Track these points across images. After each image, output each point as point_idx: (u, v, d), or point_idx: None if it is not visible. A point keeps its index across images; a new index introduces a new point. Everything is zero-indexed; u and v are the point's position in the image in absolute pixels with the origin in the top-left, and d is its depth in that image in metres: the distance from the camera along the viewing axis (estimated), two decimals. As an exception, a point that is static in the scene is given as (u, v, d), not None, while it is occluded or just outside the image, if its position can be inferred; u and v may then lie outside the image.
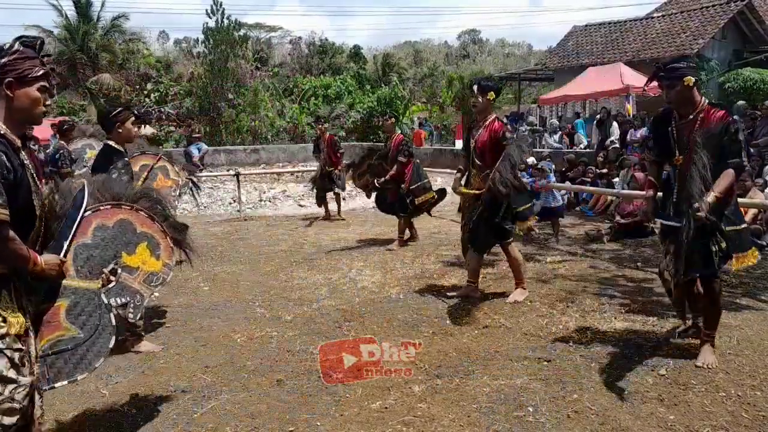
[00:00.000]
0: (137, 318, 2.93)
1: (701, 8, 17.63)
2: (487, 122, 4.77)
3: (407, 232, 7.51)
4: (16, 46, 2.16)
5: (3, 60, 2.12)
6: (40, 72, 2.18)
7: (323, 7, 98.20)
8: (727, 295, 5.09)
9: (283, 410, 3.22)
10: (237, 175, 10.87)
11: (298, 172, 13.61)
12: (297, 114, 21.78)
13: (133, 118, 4.31)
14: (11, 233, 2.05)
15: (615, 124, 12.50)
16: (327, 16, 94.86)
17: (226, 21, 20.26)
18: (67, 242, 2.29)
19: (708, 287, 3.52)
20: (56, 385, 2.54)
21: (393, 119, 7.77)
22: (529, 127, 15.80)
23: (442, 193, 7.63)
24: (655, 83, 3.61)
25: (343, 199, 11.61)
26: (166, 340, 4.37)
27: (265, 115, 20.47)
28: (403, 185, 7.16)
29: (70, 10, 28.07)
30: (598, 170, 10.78)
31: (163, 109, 20.67)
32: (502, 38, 56.49)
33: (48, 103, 2.24)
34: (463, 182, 5.06)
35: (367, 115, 21.96)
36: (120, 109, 4.33)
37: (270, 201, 12.34)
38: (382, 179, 7.17)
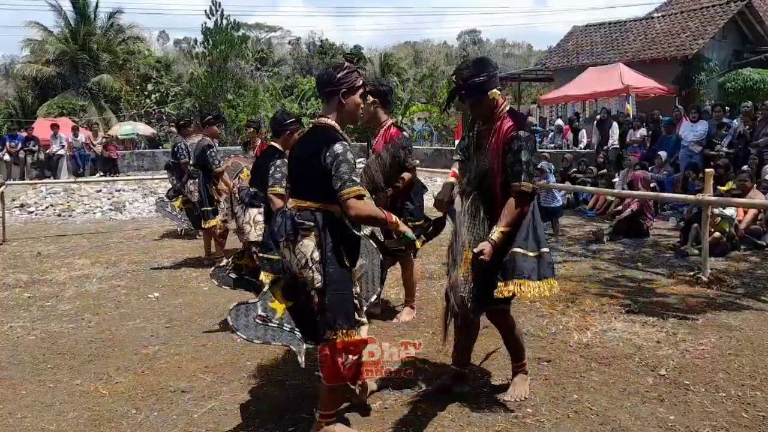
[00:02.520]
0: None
1: (701, 8, 17.62)
2: (383, 129, 4.37)
3: None
4: (346, 63, 2.74)
5: (339, 75, 2.68)
6: (361, 82, 2.77)
7: (327, 7, 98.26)
8: (727, 295, 5.10)
9: (283, 410, 3.22)
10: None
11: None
12: (297, 114, 21.78)
13: (300, 131, 4.52)
14: (370, 203, 2.67)
15: (615, 124, 12.49)
16: (330, 17, 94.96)
17: (225, 21, 20.27)
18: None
19: (500, 319, 3.21)
20: (372, 299, 3.23)
21: (252, 129, 7.85)
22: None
23: None
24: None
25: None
26: (166, 340, 4.37)
27: (264, 115, 20.46)
28: None
29: (70, 11, 28.08)
30: (597, 170, 10.79)
31: (163, 110, 20.66)
32: (503, 38, 56.53)
33: (363, 107, 2.88)
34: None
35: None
36: (293, 119, 4.72)
37: (270, 201, 12.34)
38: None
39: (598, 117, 13.48)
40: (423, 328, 4.43)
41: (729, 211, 6.81)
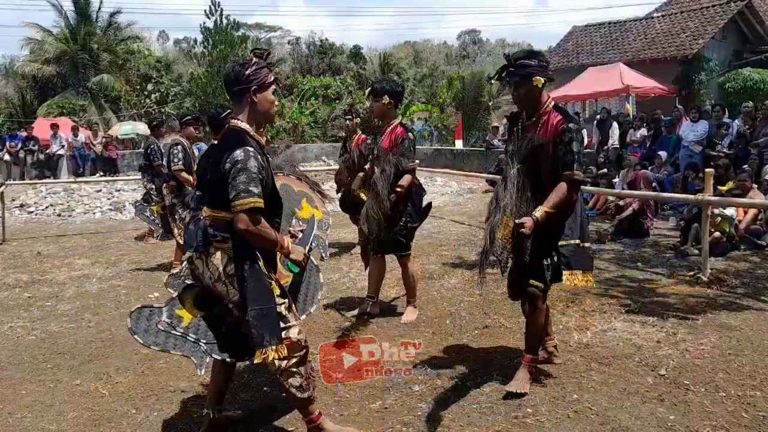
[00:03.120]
0: (328, 254, 3.47)
1: (701, 8, 17.61)
2: (390, 128, 4.42)
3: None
4: (254, 58, 2.58)
5: (248, 71, 2.52)
6: (272, 78, 2.61)
7: (327, 7, 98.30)
8: (727, 295, 5.10)
9: (283, 410, 3.21)
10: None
11: (298, 172, 13.56)
12: (296, 114, 21.77)
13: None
14: (263, 222, 2.47)
15: (615, 124, 12.49)
16: (331, 17, 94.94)
17: (224, 21, 20.26)
18: (309, 244, 3.14)
19: (531, 300, 3.27)
20: (302, 317, 3.11)
21: (359, 118, 7.69)
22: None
23: None
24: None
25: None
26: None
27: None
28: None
29: (70, 10, 28.06)
30: (597, 170, 10.78)
31: (163, 110, 20.65)
32: (503, 38, 56.51)
33: (277, 103, 2.69)
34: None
35: (367, 116, 21.95)
36: (229, 111, 4.52)
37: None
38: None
39: (598, 117, 13.47)
40: (423, 328, 4.43)
41: (729, 211, 6.81)
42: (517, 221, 2.95)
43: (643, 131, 11.38)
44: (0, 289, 5.97)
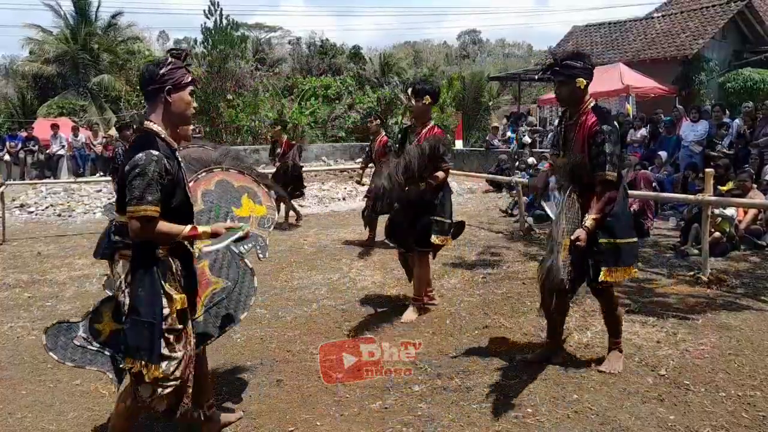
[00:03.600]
0: (266, 255, 3.28)
1: (701, 8, 17.61)
2: (426, 128, 4.50)
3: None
4: (170, 58, 2.50)
5: (162, 71, 2.44)
6: (189, 78, 2.52)
7: (327, 7, 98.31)
8: (727, 295, 5.10)
9: (283, 410, 3.22)
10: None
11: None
12: (297, 114, 21.77)
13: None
14: (160, 224, 2.34)
15: (615, 124, 12.48)
16: (331, 17, 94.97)
17: (224, 21, 20.25)
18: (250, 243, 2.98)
19: (605, 294, 3.44)
20: (227, 329, 2.97)
21: (378, 120, 7.71)
22: (528, 128, 15.79)
23: None
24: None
25: (343, 199, 11.61)
26: (166, 340, 4.37)
27: (264, 115, 20.44)
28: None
29: (71, 11, 28.06)
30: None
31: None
32: (503, 38, 56.53)
33: (195, 104, 2.59)
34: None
35: (367, 116, 21.96)
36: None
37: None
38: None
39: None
40: (423, 328, 4.42)
41: (729, 212, 6.81)
42: (572, 237, 3.07)
43: (644, 131, 11.37)
44: (0, 289, 5.97)
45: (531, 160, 10.98)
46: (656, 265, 6.33)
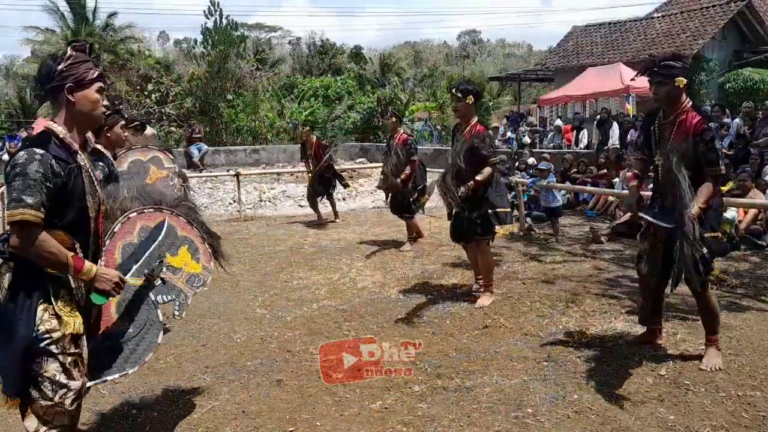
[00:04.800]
0: (182, 315, 3.01)
1: (701, 8, 17.63)
2: (470, 126, 4.75)
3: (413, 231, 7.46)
4: (69, 51, 2.24)
5: (60, 66, 2.19)
6: (96, 74, 2.26)
7: (329, 7, 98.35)
8: (727, 295, 5.10)
9: (283, 410, 3.22)
10: (237, 175, 10.86)
11: (298, 172, 13.58)
12: (297, 114, 21.77)
13: (122, 122, 4.16)
14: (44, 236, 2.08)
15: (615, 124, 12.49)
16: (332, 17, 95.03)
17: (224, 21, 20.26)
18: (136, 266, 2.51)
19: (700, 293, 3.51)
20: (108, 378, 2.58)
21: (395, 118, 7.68)
22: (528, 128, 15.80)
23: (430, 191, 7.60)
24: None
25: (343, 199, 11.60)
26: (166, 340, 4.36)
27: (264, 115, 20.44)
28: (410, 185, 7.06)
29: (68, 12, 28.06)
30: (597, 170, 10.78)
31: (164, 110, 20.66)
32: (503, 38, 56.54)
33: (105, 103, 2.32)
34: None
35: (367, 116, 21.96)
36: (108, 112, 4.23)
37: (270, 201, 12.33)
38: (398, 179, 6.96)
39: (598, 117, 13.48)
40: (423, 328, 4.43)
41: (730, 214, 6.80)
42: (692, 212, 3.15)
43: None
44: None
45: (531, 160, 10.95)
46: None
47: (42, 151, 2.12)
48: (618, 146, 11.96)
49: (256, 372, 3.73)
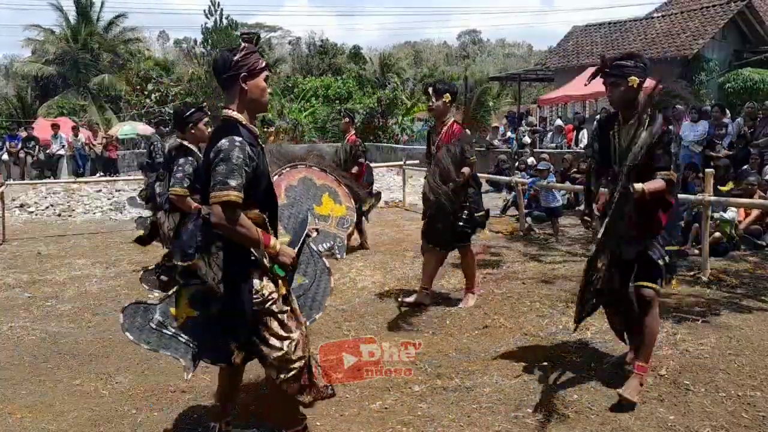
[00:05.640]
0: (343, 256, 3.27)
1: (701, 8, 17.61)
2: (446, 126, 4.65)
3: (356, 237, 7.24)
4: (243, 43, 2.46)
5: (236, 57, 2.40)
6: (264, 63, 2.48)
7: (329, 7, 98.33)
8: (727, 295, 5.10)
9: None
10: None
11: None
12: (297, 114, 21.77)
13: (206, 119, 4.35)
14: (242, 217, 2.34)
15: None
16: (333, 17, 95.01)
17: (224, 21, 20.27)
18: (300, 242, 2.71)
19: (644, 304, 3.23)
20: (312, 319, 2.94)
21: (348, 118, 7.69)
22: (528, 128, 15.79)
23: (377, 197, 7.63)
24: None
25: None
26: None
27: (263, 114, 20.45)
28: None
29: (71, 11, 28.09)
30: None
31: (164, 110, 20.66)
32: (503, 38, 56.53)
33: (270, 91, 2.57)
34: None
35: (368, 116, 21.96)
36: (193, 110, 4.37)
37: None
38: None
39: (598, 117, 13.46)
40: (423, 328, 4.43)
41: (730, 215, 6.80)
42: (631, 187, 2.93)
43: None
44: (0, 289, 5.97)
45: (531, 160, 10.98)
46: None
47: (240, 139, 2.34)
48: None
49: (256, 372, 3.72)
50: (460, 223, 4.59)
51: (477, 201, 4.74)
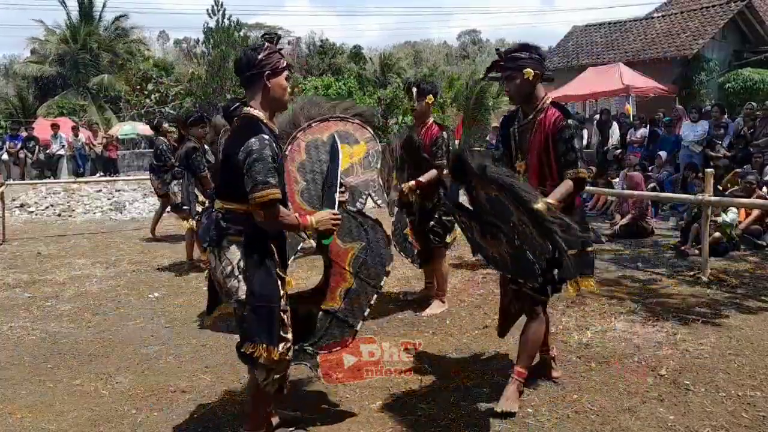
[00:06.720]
0: (385, 199, 3.24)
1: (701, 8, 17.62)
2: (426, 127, 4.61)
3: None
4: (266, 43, 2.51)
5: (260, 56, 2.44)
6: (285, 63, 2.54)
7: (330, 7, 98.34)
8: (728, 295, 5.10)
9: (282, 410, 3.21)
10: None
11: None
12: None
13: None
14: (282, 209, 2.44)
15: (615, 124, 12.49)
16: (334, 17, 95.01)
17: (226, 21, 20.25)
18: (337, 195, 2.74)
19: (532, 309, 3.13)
20: (382, 284, 2.98)
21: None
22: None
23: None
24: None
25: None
26: (166, 340, 4.37)
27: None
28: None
29: (73, 10, 28.11)
30: (597, 170, 10.79)
31: (163, 110, 20.66)
32: (502, 38, 56.47)
33: (290, 90, 2.60)
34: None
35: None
36: (238, 104, 4.38)
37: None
38: None
39: (597, 117, 13.47)
40: (423, 328, 4.43)
41: (730, 217, 6.80)
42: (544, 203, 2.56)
43: (643, 131, 11.38)
44: (0, 289, 5.97)
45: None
46: (656, 265, 6.33)
47: (268, 137, 2.40)
48: (618, 146, 11.93)
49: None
50: (432, 223, 4.58)
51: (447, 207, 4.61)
